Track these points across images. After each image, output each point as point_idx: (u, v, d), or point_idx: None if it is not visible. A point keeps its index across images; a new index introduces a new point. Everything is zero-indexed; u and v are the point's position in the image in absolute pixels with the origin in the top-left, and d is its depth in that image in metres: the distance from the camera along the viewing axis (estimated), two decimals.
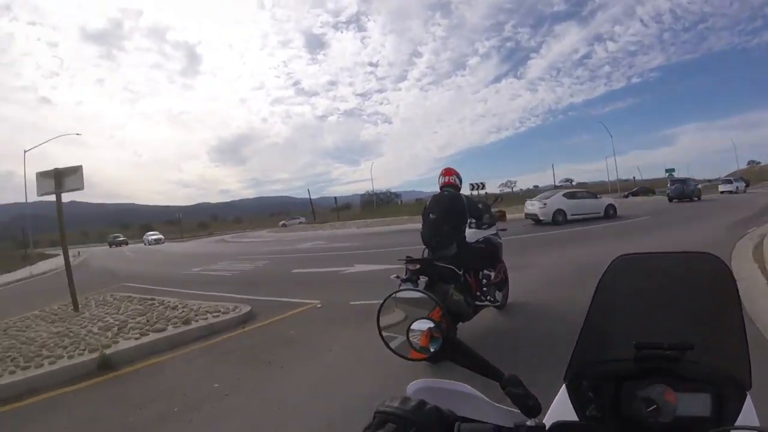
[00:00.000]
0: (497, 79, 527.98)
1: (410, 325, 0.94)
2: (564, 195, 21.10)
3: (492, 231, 5.93)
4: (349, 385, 4.24)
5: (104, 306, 9.08)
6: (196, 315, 7.25)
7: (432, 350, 0.91)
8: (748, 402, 0.90)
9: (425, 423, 0.71)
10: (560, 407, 0.97)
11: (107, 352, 5.75)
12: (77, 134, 44.55)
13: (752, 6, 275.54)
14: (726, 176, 55.72)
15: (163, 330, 6.57)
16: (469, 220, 5.40)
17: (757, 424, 0.86)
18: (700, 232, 12.92)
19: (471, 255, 5.19)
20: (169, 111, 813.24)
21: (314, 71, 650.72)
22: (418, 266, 4.60)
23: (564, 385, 0.99)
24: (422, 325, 0.93)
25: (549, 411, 0.95)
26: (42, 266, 27.69)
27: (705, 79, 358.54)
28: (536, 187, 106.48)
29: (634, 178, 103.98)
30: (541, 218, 20.07)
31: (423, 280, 4.59)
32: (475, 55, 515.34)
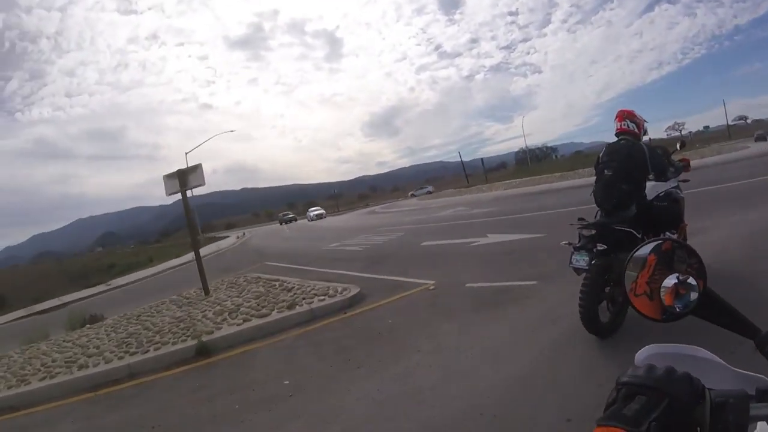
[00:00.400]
0: (650, 8, 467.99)
1: (661, 282, 0.84)
2: None
3: (673, 183, 5.08)
4: (421, 406, 3.39)
5: (232, 289, 9.42)
6: (304, 298, 7.01)
7: (679, 308, 0.83)
8: None
9: (677, 393, 0.64)
10: None
11: (206, 339, 5.80)
12: (231, 131, 48.79)
13: None
14: None
15: (267, 315, 6.47)
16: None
17: None
18: None
19: (654, 216, 4.58)
20: (321, 95, 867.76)
21: (453, 32, 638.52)
22: (593, 231, 4.14)
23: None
24: (671, 280, 0.83)
25: None
26: (204, 250, 31.01)
27: None
28: (706, 128, 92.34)
29: None
30: None
31: (600, 247, 4.07)
32: None
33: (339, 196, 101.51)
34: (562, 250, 4.52)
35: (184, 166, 9.84)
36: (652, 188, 4.77)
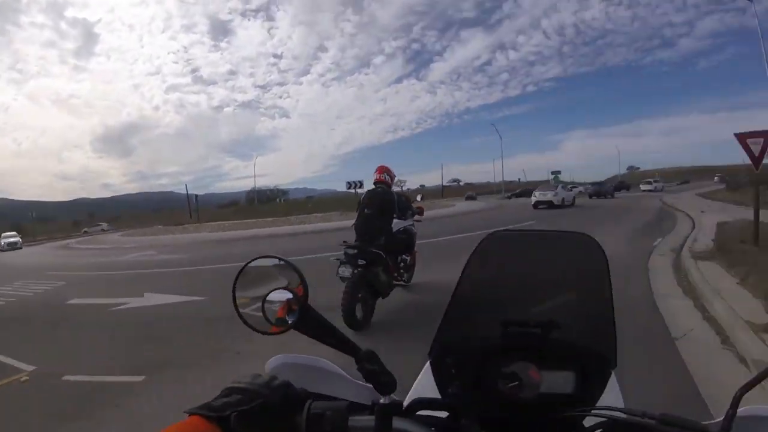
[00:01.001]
0: (399, 80, 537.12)
1: (266, 296, 0.87)
2: (562, 188, 32.98)
3: (410, 222, 7.04)
4: None
5: None
6: None
7: (289, 322, 0.85)
8: (613, 380, 0.93)
9: (272, 397, 0.67)
10: (423, 384, 0.96)
11: None
12: None
13: (652, 26, 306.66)
14: (614, 179, 60.64)
15: None
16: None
17: (621, 402, 0.88)
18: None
19: (395, 244, 6.26)
20: (57, 94, 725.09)
21: (215, 59, 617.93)
22: (356, 251, 5.52)
23: (428, 363, 0.96)
24: (280, 295, 0.87)
25: (412, 389, 0.94)
26: None
27: (595, 90, 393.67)
28: (422, 186, 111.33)
29: (519, 179, 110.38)
30: (555, 203, 29.04)
31: (361, 262, 5.45)
32: (381, 54, 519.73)
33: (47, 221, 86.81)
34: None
35: None
36: (396, 224, 6.39)
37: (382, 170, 6.42)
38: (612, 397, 0.87)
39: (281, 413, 0.67)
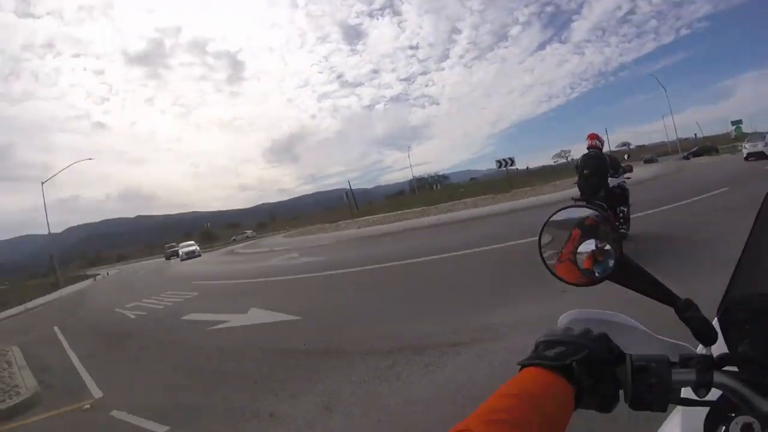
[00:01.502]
0: (542, 46, 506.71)
1: (577, 247, 0.87)
2: None
3: (622, 179, 7.83)
4: None
5: None
6: None
7: (597, 273, 0.84)
8: None
9: (596, 348, 0.66)
10: None
11: None
12: (89, 159, 47.64)
13: None
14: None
15: None
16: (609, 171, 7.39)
17: None
18: None
19: (613, 197, 7.37)
20: (220, 119, 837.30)
21: (355, 62, 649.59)
22: (584, 203, 6.25)
23: (716, 318, 0.84)
24: (587, 246, 0.86)
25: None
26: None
27: (758, 22, 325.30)
28: (627, 144, 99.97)
29: (695, 135, 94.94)
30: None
31: None
32: (516, 24, 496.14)
33: (237, 225, 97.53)
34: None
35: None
36: (611, 181, 7.31)
37: (593, 137, 7.55)
38: None
39: (608, 364, 0.66)
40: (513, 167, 37.06)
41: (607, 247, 0.83)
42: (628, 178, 8.21)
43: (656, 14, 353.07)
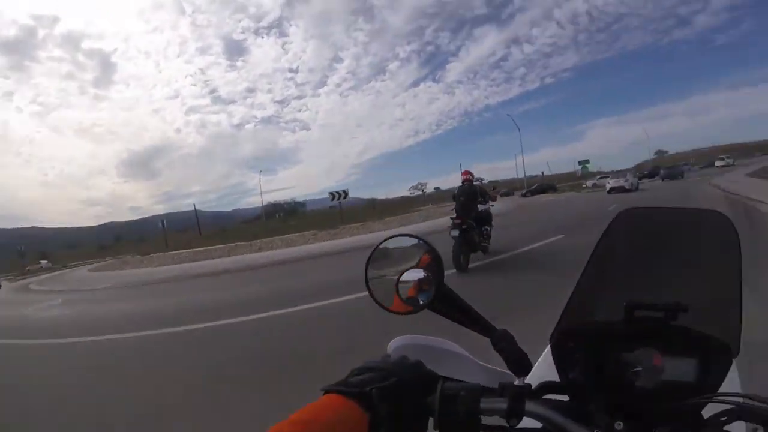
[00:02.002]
0: (416, 83, 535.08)
1: (400, 276, 0.90)
2: (632, 175, 38.83)
3: (487, 206, 10.68)
4: None
5: None
6: None
7: (420, 302, 0.87)
8: (734, 369, 0.94)
9: (405, 377, 0.67)
10: (543, 368, 0.98)
11: None
12: None
13: (665, 6, 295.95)
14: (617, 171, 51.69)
15: None
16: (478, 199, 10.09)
17: (739, 390, 0.89)
18: None
19: (480, 218, 9.99)
20: (80, 123, 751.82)
21: (232, 78, 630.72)
22: (459, 221, 8.93)
23: (548, 346, 0.88)
24: (413, 275, 0.90)
25: (531, 371, 0.89)
26: None
27: (615, 77, 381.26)
28: (437, 189, 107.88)
29: (542, 173, 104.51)
30: (627, 188, 34.62)
31: (464, 226, 8.92)
32: (396, 60, 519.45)
33: (76, 245, 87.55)
34: None
35: None
36: (480, 207, 10.20)
37: (467, 173, 10.34)
38: (732, 386, 0.82)
39: (416, 392, 0.67)
40: (345, 199, 36.20)
41: (430, 276, 0.87)
42: (492, 205, 11.12)
43: (527, 63, 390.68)
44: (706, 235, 0.92)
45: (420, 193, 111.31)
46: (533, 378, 0.85)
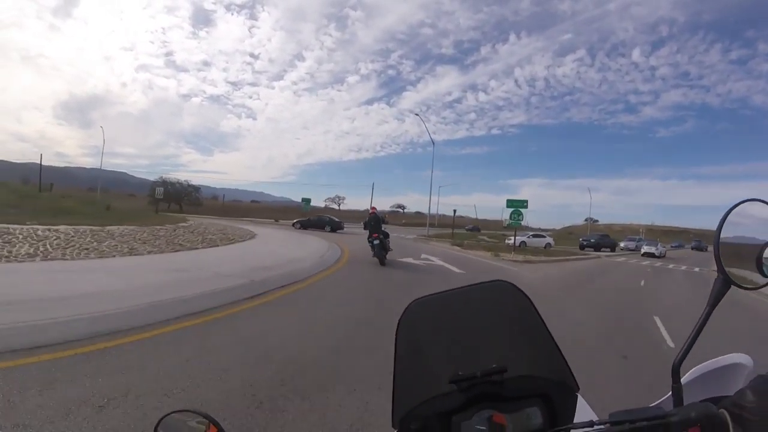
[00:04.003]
0: (370, 102, 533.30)
1: None
2: (660, 245, 44.88)
3: (385, 228, 15.97)
4: None
5: None
6: None
7: None
8: (582, 402, 0.99)
9: None
10: None
11: None
12: None
13: (618, 91, 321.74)
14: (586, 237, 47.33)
15: None
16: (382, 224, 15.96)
17: (594, 419, 0.83)
18: None
19: (385, 234, 15.26)
20: (26, 51, 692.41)
21: (191, 46, 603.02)
22: (376, 234, 14.98)
23: None
24: None
25: None
26: None
27: (557, 143, 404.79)
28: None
29: (454, 211, 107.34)
30: (657, 255, 40.83)
31: (381, 237, 15.00)
32: (356, 74, 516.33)
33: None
34: None
35: None
36: (384, 227, 15.91)
37: (374, 209, 16.81)
38: (585, 418, 0.85)
39: None
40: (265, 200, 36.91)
41: None
42: (387, 223, 18.52)
43: (478, 110, 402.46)
44: (499, 301, 1.00)
45: (336, 207, 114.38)
46: None
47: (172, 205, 73.40)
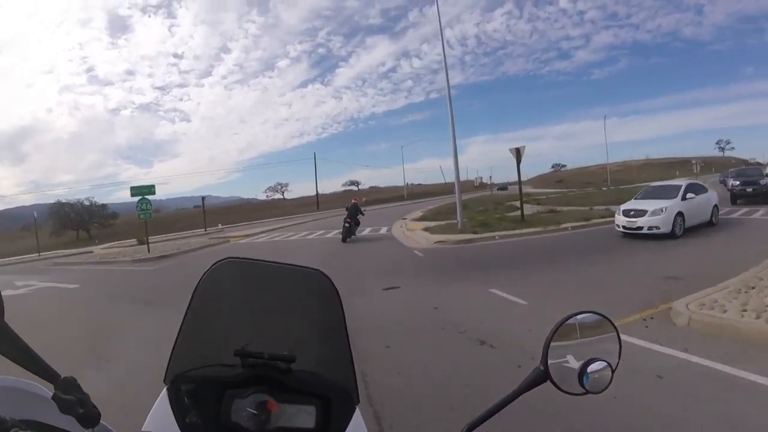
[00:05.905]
0: (304, 84, 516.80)
1: None
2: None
3: (361, 214, 19.95)
4: None
5: None
6: None
7: None
8: (357, 415, 0.94)
9: None
10: (160, 413, 0.91)
11: None
12: None
13: (549, 39, 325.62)
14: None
15: None
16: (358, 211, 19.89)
17: None
18: None
19: (356, 222, 19.78)
20: None
21: (112, 57, 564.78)
22: (349, 218, 19.06)
23: (165, 389, 0.90)
24: None
25: (148, 417, 0.89)
26: None
27: (495, 98, 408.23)
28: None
29: (412, 182, 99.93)
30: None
31: (350, 221, 19.16)
32: (286, 58, 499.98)
33: None
34: None
35: None
36: (360, 216, 19.99)
37: (356, 198, 21.31)
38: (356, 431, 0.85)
39: None
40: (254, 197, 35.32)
41: None
42: (363, 214, 20.18)
43: (414, 76, 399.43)
44: (311, 291, 0.98)
45: (280, 196, 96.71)
46: (150, 424, 0.86)
47: (80, 233, 54.00)
